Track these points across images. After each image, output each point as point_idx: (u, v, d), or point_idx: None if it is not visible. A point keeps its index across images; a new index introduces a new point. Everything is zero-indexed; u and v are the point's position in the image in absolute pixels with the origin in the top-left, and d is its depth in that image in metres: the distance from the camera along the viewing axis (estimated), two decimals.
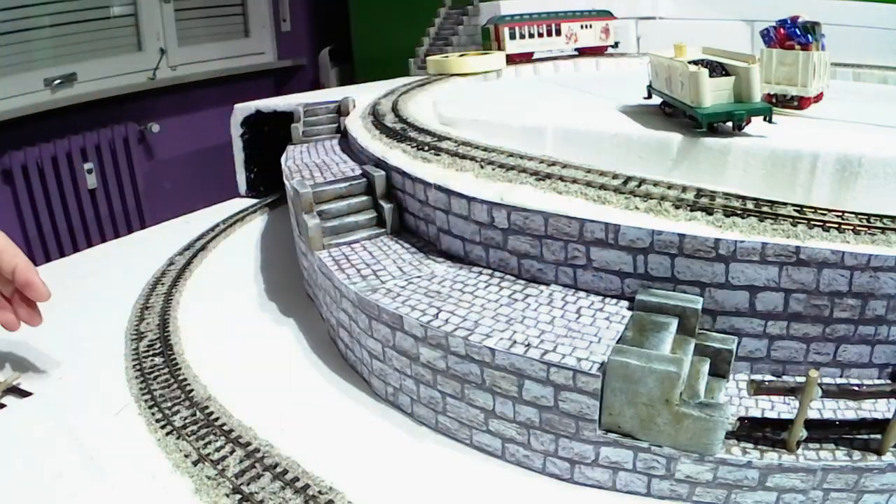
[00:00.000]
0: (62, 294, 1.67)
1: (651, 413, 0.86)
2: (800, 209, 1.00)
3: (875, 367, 0.98)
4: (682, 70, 1.44)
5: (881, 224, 0.96)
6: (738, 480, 0.86)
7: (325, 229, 1.35)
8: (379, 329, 1.11)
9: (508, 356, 0.93)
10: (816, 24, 1.51)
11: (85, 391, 1.22)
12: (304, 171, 1.62)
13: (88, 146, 3.21)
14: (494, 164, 1.26)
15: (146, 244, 2.02)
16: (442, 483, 0.97)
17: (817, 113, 1.57)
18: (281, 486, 0.93)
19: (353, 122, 1.86)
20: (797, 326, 0.97)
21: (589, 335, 0.94)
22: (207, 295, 1.62)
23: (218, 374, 1.24)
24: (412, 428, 1.10)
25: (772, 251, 0.93)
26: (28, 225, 3.05)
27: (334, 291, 1.24)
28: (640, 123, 1.57)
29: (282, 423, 1.09)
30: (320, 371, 1.28)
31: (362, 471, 0.98)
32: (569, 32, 2.64)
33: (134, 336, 1.40)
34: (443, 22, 2.98)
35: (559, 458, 0.95)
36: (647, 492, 0.91)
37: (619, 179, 1.15)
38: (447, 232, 1.24)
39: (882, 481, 0.85)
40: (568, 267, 1.07)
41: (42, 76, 3.10)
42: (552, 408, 0.92)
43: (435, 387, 1.04)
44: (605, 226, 1.01)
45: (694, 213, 1.01)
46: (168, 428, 1.07)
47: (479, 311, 1.03)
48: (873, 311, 0.94)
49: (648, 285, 1.02)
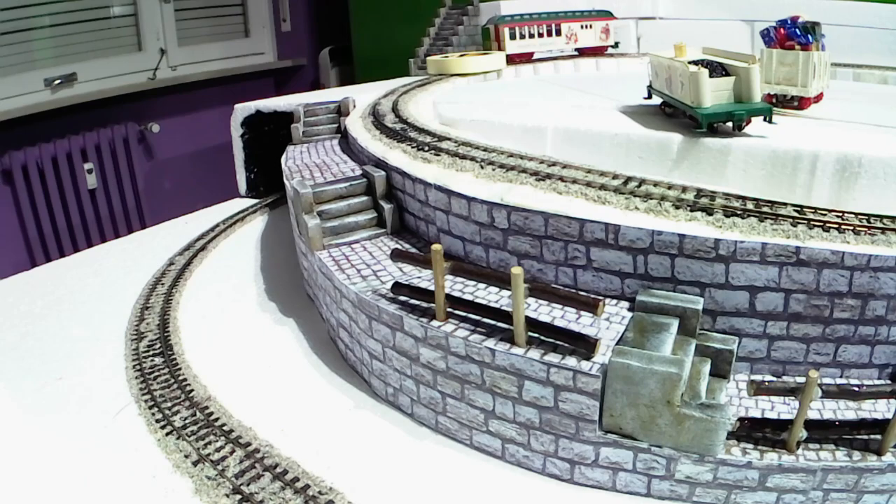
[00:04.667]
0: (62, 294, 1.68)
1: (652, 414, 0.86)
2: (800, 209, 1.00)
3: (875, 367, 0.98)
4: (682, 70, 1.44)
5: (881, 224, 0.96)
6: (738, 481, 0.86)
7: (325, 229, 1.35)
8: (379, 329, 1.11)
9: (508, 356, 0.93)
10: (816, 24, 1.51)
11: (85, 391, 1.22)
12: (304, 171, 1.62)
13: (88, 146, 3.20)
14: (494, 165, 1.26)
15: (146, 244, 2.02)
16: (442, 483, 0.97)
17: (817, 113, 1.57)
18: (281, 486, 0.93)
19: (353, 122, 1.86)
20: (797, 327, 0.97)
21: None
22: (208, 295, 1.62)
23: (218, 374, 1.24)
24: (412, 428, 1.10)
25: (772, 251, 0.93)
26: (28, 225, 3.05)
27: (334, 292, 1.24)
28: (640, 124, 1.57)
29: (282, 423, 1.09)
30: (320, 371, 1.28)
31: (362, 471, 0.98)
32: (569, 32, 2.64)
33: (134, 336, 1.39)
34: (443, 22, 2.98)
35: (559, 459, 0.95)
36: (647, 492, 0.91)
37: (619, 180, 1.15)
38: (447, 232, 1.24)
39: (882, 482, 0.85)
40: (568, 267, 1.07)
41: (42, 76, 3.09)
42: (552, 408, 0.92)
43: (435, 387, 1.04)
44: (605, 226, 1.01)
45: (694, 213, 1.01)
46: (168, 428, 1.07)
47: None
48: (873, 311, 0.94)
49: (648, 286, 1.02)
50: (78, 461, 1.02)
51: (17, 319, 1.54)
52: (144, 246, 2.00)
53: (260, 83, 4.06)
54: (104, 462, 1.02)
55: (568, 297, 0.94)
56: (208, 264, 1.83)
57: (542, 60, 2.65)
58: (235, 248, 1.96)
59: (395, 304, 1.08)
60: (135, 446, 1.04)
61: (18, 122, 2.96)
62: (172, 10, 3.58)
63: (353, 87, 2.59)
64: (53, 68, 3.15)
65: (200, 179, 3.57)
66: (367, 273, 1.21)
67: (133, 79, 3.46)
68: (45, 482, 0.98)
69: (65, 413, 1.16)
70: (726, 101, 1.42)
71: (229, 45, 3.93)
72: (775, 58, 1.57)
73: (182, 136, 3.70)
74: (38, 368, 1.31)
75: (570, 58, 2.71)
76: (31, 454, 1.05)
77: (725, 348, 0.98)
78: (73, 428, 1.11)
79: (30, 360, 1.35)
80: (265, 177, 2.46)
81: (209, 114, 3.54)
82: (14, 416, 1.16)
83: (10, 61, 3.00)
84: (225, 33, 3.94)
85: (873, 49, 2.35)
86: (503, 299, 1.05)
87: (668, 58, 1.56)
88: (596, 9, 2.70)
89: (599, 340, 0.90)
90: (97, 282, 1.75)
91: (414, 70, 2.81)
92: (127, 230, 3.30)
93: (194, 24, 3.75)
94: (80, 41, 3.27)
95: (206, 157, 3.67)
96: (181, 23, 3.66)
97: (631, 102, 1.79)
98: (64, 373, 1.29)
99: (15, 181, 2.99)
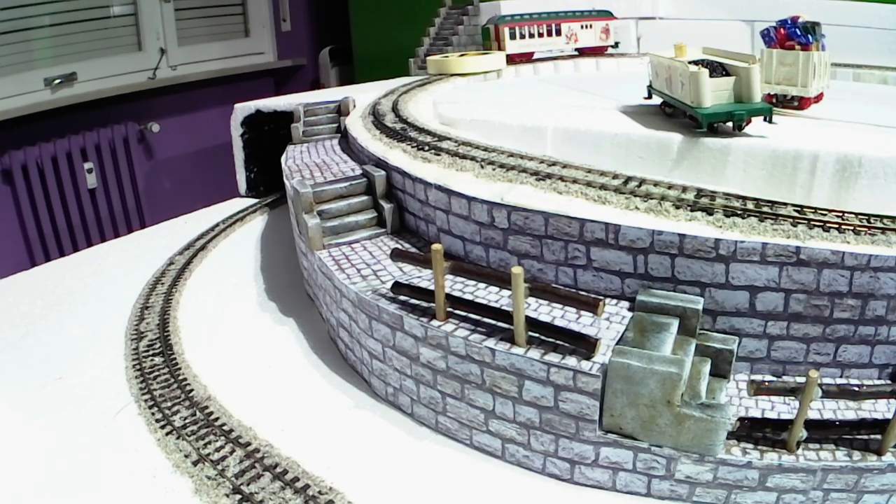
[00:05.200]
0: (62, 294, 1.68)
1: (652, 414, 0.86)
2: (800, 209, 1.00)
3: (875, 367, 0.98)
4: (683, 70, 1.44)
5: (881, 224, 0.96)
6: (738, 481, 0.86)
7: (325, 229, 1.35)
8: (379, 329, 1.11)
9: (508, 356, 0.93)
10: (816, 24, 1.51)
11: (85, 391, 1.22)
12: (304, 170, 1.62)
13: (88, 146, 3.20)
14: (494, 164, 1.26)
15: (146, 244, 2.02)
16: (442, 483, 0.97)
17: (817, 113, 1.57)
18: (281, 486, 0.93)
19: (353, 121, 1.86)
20: (797, 327, 0.97)
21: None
22: (207, 295, 1.62)
23: (218, 374, 1.24)
24: (412, 428, 1.10)
25: (772, 251, 0.93)
26: (28, 225, 3.05)
27: (334, 291, 1.24)
28: (640, 123, 1.57)
29: (282, 423, 1.09)
30: (320, 371, 1.28)
31: (362, 471, 0.98)
32: (569, 32, 2.64)
33: (134, 336, 1.39)
34: (443, 22, 2.98)
35: (559, 459, 0.95)
36: (647, 492, 0.91)
37: (619, 179, 1.15)
38: (447, 232, 1.24)
39: (882, 481, 0.85)
40: (568, 267, 1.07)
41: (42, 76, 3.09)
42: (552, 408, 0.92)
43: (435, 387, 1.04)
44: (605, 226, 1.01)
45: (694, 213, 1.01)
46: (168, 428, 1.07)
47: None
48: (873, 311, 0.94)
49: (649, 285, 1.02)
50: (78, 461, 1.02)
51: (17, 319, 1.55)
52: (144, 246, 2.00)
53: (260, 83, 4.06)
54: (104, 462, 1.02)
55: (568, 296, 0.94)
56: (208, 264, 1.83)
57: (542, 60, 2.65)
58: (235, 247, 1.96)
59: (395, 303, 1.08)
60: (135, 446, 1.04)
61: (18, 122, 2.96)
62: (172, 9, 3.58)
63: (353, 87, 2.59)
64: (53, 68, 3.15)
65: (200, 179, 3.57)
66: (367, 273, 1.21)
67: (133, 78, 3.46)
68: (46, 482, 0.98)
69: (65, 413, 1.16)
70: (726, 101, 1.42)
71: (229, 45, 3.93)
72: (775, 58, 1.57)
73: (182, 136, 3.70)
74: (38, 368, 1.31)
75: (570, 58, 2.71)
76: (31, 454, 1.05)
77: (725, 348, 0.98)
78: (73, 428, 1.11)
79: (30, 360, 1.35)
80: (265, 176, 2.46)
81: (209, 113, 3.54)
82: (14, 416, 1.16)
83: (10, 61, 3.00)
84: (225, 33, 3.94)
85: (873, 49, 2.35)
86: (503, 299, 1.05)
87: (668, 58, 1.56)
88: (596, 9, 2.70)
89: (599, 340, 0.90)
90: (97, 282, 1.75)
91: (414, 70, 2.81)
92: (127, 230, 3.30)
93: (194, 23, 3.75)
94: (79, 41, 3.27)
95: (205, 156, 3.67)
96: (181, 22, 3.66)
97: (631, 102, 1.79)
98: (64, 373, 1.29)
99: (15, 181, 2.99)
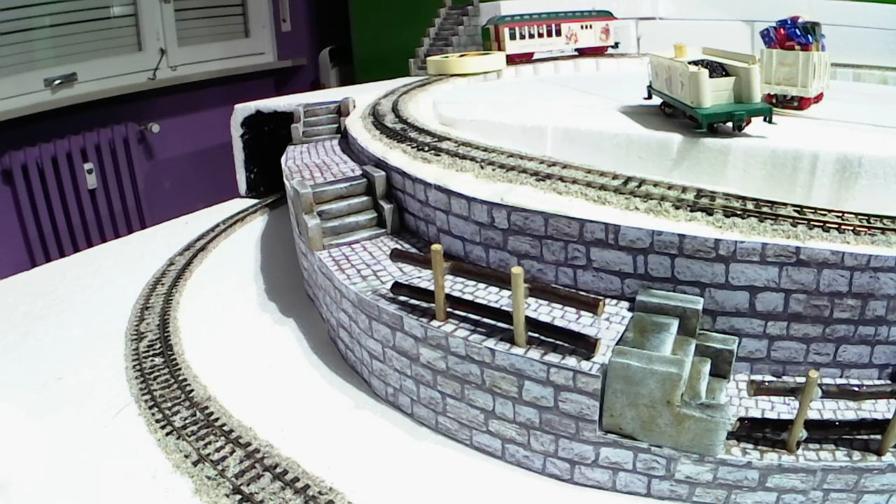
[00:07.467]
0: (62, 294, 1.69)
1: (652, 414, 0.86)
2: (800, 209, 1.00)
3: (875, 367, 0.98)
4: (683, 70, 1.44)
5: (881, 224, 0.96)
6: (738, 481, 0.86)
7: (325, 229, 1.35)
8: (379, 329, 1.11)
9: (508, 357, 0.93)
10: (816, 25, 1.51)
11: (85, 391, 1.22)
12: (304, 171, 1.62)
13: (88, 146, 3.20)
14: (494, 165, 1.26)
15: (146, 244, 2.02)
16: (442, 483, 0.97)
17: (817, 113, 1.57)
18: (281, 486, 0.93)
19: (353, 122, 1.86)
20: (797, 327, 0.97)
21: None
22: (207, 295, 1.62)
23: (218, 374, 1.24)
24: (412, 428, 1.10)
25: (772, 251, 0.93)
26: (28, 225, 3.05)
27: (334, 292, 1.24)
28: (640, 124, 1.57)
29: (282, 423, 1.09)
30: (320, 371, 1.28)
31: (362, 471, 0.98)
32: (569, 33, 2.63)
33: (134, 336, 1.40)
34: (443, 22, 2.98)
35: (559, 459, 0.95)
36: (647, 492, 0.91)
37: (619, 180, 1.15)
38: (447, 232, 1.24)
39: (882, 482, 0.85)
40: (568, 267, 1.07)
41: (42, 76, 3.09)
42: (552, 408, 0.92)
43: (435, 387, 1.04)
44: (605, 226, 1.01)
45: (694, 213, 1.01)
46: (168, 428, 1.07)
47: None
48: (873, 311, 0.94)
49: (648, 286, 1.02)
50: (78, 461, 1.02)
51: (17, 319, 1.55)
52: (144, 246, 2.00)
53: (260, 83, 4.06)
54: (104, 462, 1.02)
55: (568, 297, 0.94)
56: (208, 264, 1.83)
57: (542, 60, 2.65)
58: (235, 248, 1.96)
59: (395, 304, 1.08)
60: (135, 446, 1.04)
61: (19, 123, 2.96)
62: (172, 10, 3.58)
63: (353, 88, 2.59)
64: (53, 68, 3.15)
65: (200, 179, 3.57)
66: (367, 273, 1.21)
67: (133, 79, 3.46)
68: (46, 482, 0.98)
69: (65, 413, 1.16)
70: (726, 101, 1.42)
71: (229, 46, 3.93)
72: (775, 58, 1.57)
73: (182, 136, 3.70)
74: (38, 368, 1.31)
75: (570, 58, 2.71)
76: (31, 454, 1.05)
77: (725, 348, 0.98)
78: (73, 428, 1.11)
79: (30, 360, 1.35)
80: (265, 177, 2.46)
81: (209, 114, 3.54)
82: (14, 416, 1.16)
83: (10, 61, 3.00)
84: (225, 33, 3.94)
85: (873, 49, 2.35)
86: (503, 299, 1.05)
87: (668, 58, 1.56)
88: (596, 9, 2.70)
89: (599, 340, 0.90)
90: (97, 282, 1.75)
91: (414, 70, 2.81)
92: (127, 230, 3.30)
93: (194, 24, 3.75)
94: (80, 41, 3.27)
95: (206, 157, 3.67)
96: (181, 23, 3.65)
97: (631, 102, 1.79)
98: (64, 373, 1.29)
99: (15, 181, 2.99)
